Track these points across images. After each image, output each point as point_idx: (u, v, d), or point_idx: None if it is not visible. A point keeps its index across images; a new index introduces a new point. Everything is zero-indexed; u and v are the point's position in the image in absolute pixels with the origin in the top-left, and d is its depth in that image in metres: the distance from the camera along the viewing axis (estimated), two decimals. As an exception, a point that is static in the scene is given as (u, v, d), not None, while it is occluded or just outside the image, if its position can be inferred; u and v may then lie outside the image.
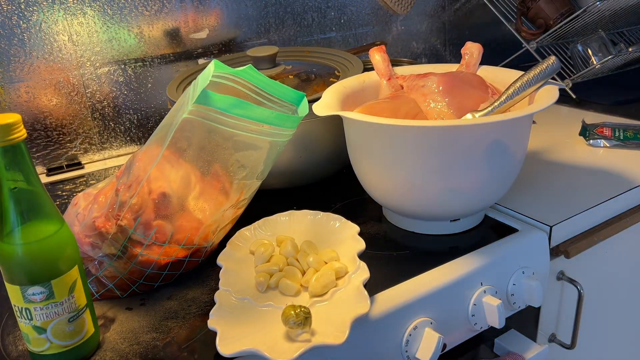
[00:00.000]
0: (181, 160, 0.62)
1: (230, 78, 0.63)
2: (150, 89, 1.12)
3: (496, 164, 0.69)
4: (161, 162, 0.62)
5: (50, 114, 1.04)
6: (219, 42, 1.17)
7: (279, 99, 0.67)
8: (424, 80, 0.80)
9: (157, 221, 0.64)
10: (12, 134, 0.49)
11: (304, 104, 0.68)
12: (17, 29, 0.97)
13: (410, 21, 1.44)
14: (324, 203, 0.80)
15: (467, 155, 0.67)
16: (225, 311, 0.60)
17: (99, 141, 1.10)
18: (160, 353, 0.57)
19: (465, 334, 0.71)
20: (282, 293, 0.64)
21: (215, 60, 0.61)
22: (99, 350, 0.58)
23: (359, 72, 0.91)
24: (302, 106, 0.67)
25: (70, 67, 1.04)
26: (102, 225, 0.63)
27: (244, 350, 0.53)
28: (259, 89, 0.65)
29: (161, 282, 0.67)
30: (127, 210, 0.62)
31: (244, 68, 0.64)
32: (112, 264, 0.64)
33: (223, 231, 0.71)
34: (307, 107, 0.67)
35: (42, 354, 0.55)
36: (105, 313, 0.64)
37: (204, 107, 0.58)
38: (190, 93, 0.60)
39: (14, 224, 0.51)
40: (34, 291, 0.52)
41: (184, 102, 0.60)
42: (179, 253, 0.67)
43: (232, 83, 0.63)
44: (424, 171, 0.68)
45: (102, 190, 0.66)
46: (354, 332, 0.57)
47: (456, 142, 0.66)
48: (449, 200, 0.70)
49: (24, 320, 0.53)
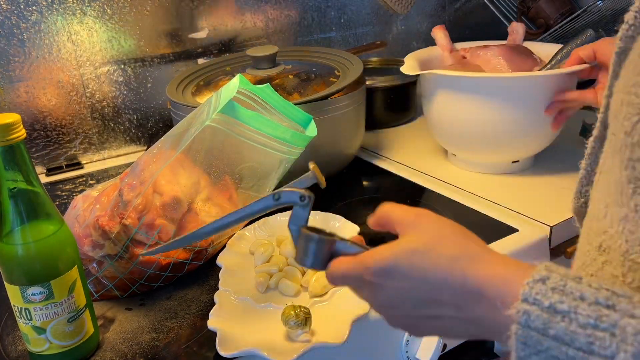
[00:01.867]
0: (194, 164, 0.66)
1: (247, 94, 0.66)
2: (150, 88, 1.12)
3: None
4: (175, 165, 0.65)
5: (49, 114, 1.04)
6: (218, 41, 1.17)
7: (288, 118, 0.70)
8: (484, 50, 0.98)
9: (160, 220, 0.64)
10: (12, 134, 0.49)
11: (312, 126, 0.70)
12: (17, 29, 0.97)
13: (411, 21, 1.44)
14: (324, 203, 0.80)
15: (534, 103, 0.86)
16: (225, 312, 0.60)
17: (98, 141, 1.10)
18: (160, 353, 0.57)
19: (465, 334, 0.71)
20: (282, 293, 0.64)
21: (240, 75, 0.64)
22: (98, 351, 0.58)
23: (359, 71, 0.91)
24: (311, 127, 0.70)
25: (70, 66, 1.03)
26: (105, 224, 0.63)
27: (243, 350, 0.53)
28: (271, 107, 0.68)
29: (161, 283, 0.67)
30: (131, 209, 0.63)
31: (262, 87, 0.67)
32: (112, 263, 0.64)
33: (226, 236, 0.72)
34: (315, 128, 0.69)
35: (41, 354, 0.55)
36: (104, 313, 0.64)
37: (227, 117, 0.62)
38: (213, 102, 0.64)
39: (14, 224, 0.51)
40: (34, 291, 0.52)
41: (205, 110, 0.64)
42: (180, 254, 0.67)
43: (248, 99, 0.66)
44: (503, 118, 0.86)
45: (105, 191, 0.67)
46: (354, 333, 0.57)
47: (528, 91, 0.86)
48: (516, 142, 0.90)
49: (24, 321, 0.53)
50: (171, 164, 0.65)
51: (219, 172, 0.68)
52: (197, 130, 0.62)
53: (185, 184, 0.66)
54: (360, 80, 0.92)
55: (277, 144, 0.65)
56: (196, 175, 0.67)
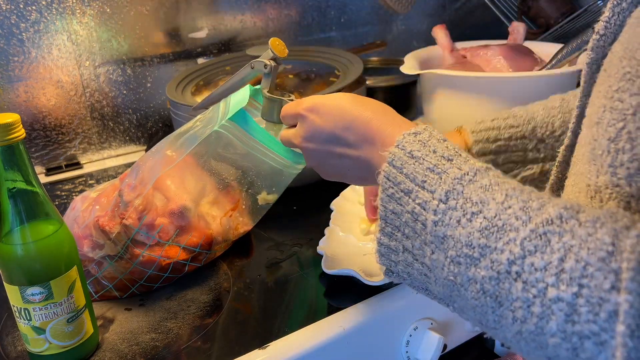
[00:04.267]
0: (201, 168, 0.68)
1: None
2: (150, 88, 1.12)
3: None
4: (182, 168, 0.66)
5: (49, 114, 1.04)
6: (218, 41, 1.17)
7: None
8: (485, 50, 1.00)
9: (161, 220, 0.64)
10: (11, 133, 0.49)
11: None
12: (16, 29, 0.97)
13: (411, 20, 1.44)
14: (324, 203, 0.80)
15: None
16: (331, 242, 0.71)
17: (98, 141, 1.10)
18: (160, 353, 0.57)
19: (465, 334, 0.71)
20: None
21: (250, 86, 0.65)
22: (98, 351, 0.58)
23: (359, 71, 0.91)
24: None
25: (69, 66, 1.03)
26: (105, 224, 0.63)
27: (342, 270, 0.64)
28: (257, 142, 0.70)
29: (161, 283, 0.67)
30: (132, 210, 0.63)
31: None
32: (112, 264, 0.64)
33: (226, 245, 0.73)
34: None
35: (41, 354, 0.54)
36: (104, 313, 0.64)
37: (235, 125, 0.64)
38: (221, 109, 0.66)
39: (13, 224, 0.51)
40: (33, 291, 0.52)
41: (213, 116, 0.66)
42: (180, 255, 0.67)
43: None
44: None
45: (104, 192, 0.66)
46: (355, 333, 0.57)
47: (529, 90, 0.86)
48: None
49: (23, 321, 0.53)
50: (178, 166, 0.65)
51: (225, 177, 0.70)
52: (205, 134, 0.63)
53: (193, 188, 0.68)
54: (360, 80, 0.92)
55: (280, 159, 0.67)
56: (203, 180, 0.69)
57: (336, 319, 0.60)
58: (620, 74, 0.38)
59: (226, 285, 0.68)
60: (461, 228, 0.39)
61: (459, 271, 0.39)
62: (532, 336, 0.36)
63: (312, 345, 0.55)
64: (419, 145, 0.44)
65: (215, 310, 0.64)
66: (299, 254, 0.73)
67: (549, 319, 0.34)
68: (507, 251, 0.36)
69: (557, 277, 0.34)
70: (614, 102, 0.38)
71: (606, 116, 0.39)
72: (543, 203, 0.37)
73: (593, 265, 0.33)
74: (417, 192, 0.42)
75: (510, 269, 0.36)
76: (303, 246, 0.75)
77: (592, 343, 0.32)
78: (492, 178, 0.40)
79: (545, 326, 0.34)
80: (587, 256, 0.33)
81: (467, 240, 0.39)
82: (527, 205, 0.38)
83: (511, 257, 0.36)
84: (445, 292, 0.42)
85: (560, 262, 0.34)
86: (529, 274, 0.35)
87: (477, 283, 0.38)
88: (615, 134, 0.38)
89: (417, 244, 0.43)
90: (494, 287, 0.37)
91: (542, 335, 0.35)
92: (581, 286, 0.33)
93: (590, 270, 0.33)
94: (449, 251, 0.40)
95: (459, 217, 0.39)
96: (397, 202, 0.44)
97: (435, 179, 0.41)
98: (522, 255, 0.36)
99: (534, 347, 0.36)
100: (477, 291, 0.38)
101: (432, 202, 0.41)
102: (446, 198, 0.40)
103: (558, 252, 0.34)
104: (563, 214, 0.36)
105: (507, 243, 0.37)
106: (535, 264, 0.35)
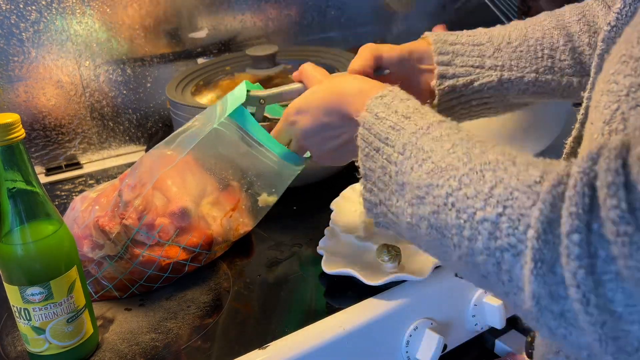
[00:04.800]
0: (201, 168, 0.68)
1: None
2: (150, 88, 1.12)
3: None
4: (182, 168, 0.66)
5: (49, 114, 1.04)
6: (218, 41, 1.17)
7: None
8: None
9: (161, 220, 0.64)
10: (11, 133, 0.49)
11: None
12: (16, 29, 0.97)
13: (411, 20, 1.44)
14: (324, 203, 0.80)
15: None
16: (331, 242, 0.71)
17: (97, 141, 1.10)
18: (160, 353, 0.57)
19: (465, 334, 0.71)
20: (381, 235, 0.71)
21: (246, 81, 0.65)
22: (98, 351, 0.58)
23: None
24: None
25: (69, 66, 1.03)
26: (105, 224, 0.63)
27: (342, 270, 0.64)
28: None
29: (161, 284, 0.67)
30: (132, 210, 0.63)
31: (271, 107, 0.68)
32: (112, 264, 0.64)
33: (226, 245, 0.73)
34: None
35: (41, 354, 0.54)
36: (104, 313, 0.64)
37: (234, 122, 0.63)
38: (219, 107, 0.65)
39: (13, 224, 0.51)
40: (33, 291, 0.52)
41: (211, 115, 0.65)
42: (180, 255, 0.67)
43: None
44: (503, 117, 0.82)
45: (104, 192, 0.66)
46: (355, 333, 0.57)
47: None
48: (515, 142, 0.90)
49: (23, 321, 0.53)
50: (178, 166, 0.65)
51: (225, 177, 0.70)
52: (204, 133, 0.63)
53: (194, 188, 0.68)
54: (360, 80, 0.92)
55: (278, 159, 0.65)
56: (204, 180, 0.68)
57: (336, 319, 0.60)
58: (617, 57, 0.38)
59: (226, 285, 0.68)
60: (414, 173, 0.43)
61: (413, 212, 0.43)
62: (467, 258, 0.39)
63: (312, 345, 0.55)
64: (383, 107, 0.49)
65: (215, 310, 0.64)
66: (299, 254, 0.73)
67: (476, 240, 0.37)
68: (446, 186, 0.40)
69: (486, 201, 0.37)
70: (610, 84, 0.38)
71: (603, 99, 0.39)
72: (485, 150, 0.41)
73: (519, 189, 0.35)
74: (383, 148, 0.47)
75: (447, 201, 0.40)
76: (303, 246, 0.75)
77: (510, 255, 0.35)
78: (444, 130, 0.44)
79: (474, 246, 0.37)
80: (515, 184, 0.36)
81: (417, 183, 0.43)
82: (470, 151, 0.41)
83: (449, 190, 0.40)
84: (411, 234, 0.45)
85: (490, 190, 0.37)
86: (461, 202, 0.38)
87: (426, 220, 0.42)
88: (610, 115, 0.38)
89: (387, 195, 0.47)
90: (437, 220, 0.41)
91: (473, 256, 0.38)
92: (505, 207, 0.35)
93: (516, 194, 0.35)
94: (406, 195, 0.44)
95: (412, 164, 0.44)
96: (371, 159, 0.48)
97: (396, 135, 0.46)
98: (458, 188, 0.39)
99: (471, 270, 0.39)
100: (427, 227, 0.42)
101: (393, 154, 0.46)
102: (403, 150, 0.45)
103: (489, 182, 0.37)
104: (499, 158, 0.39)
105: (447, 180, 0.40)
106: (468, 193, 0.38)
